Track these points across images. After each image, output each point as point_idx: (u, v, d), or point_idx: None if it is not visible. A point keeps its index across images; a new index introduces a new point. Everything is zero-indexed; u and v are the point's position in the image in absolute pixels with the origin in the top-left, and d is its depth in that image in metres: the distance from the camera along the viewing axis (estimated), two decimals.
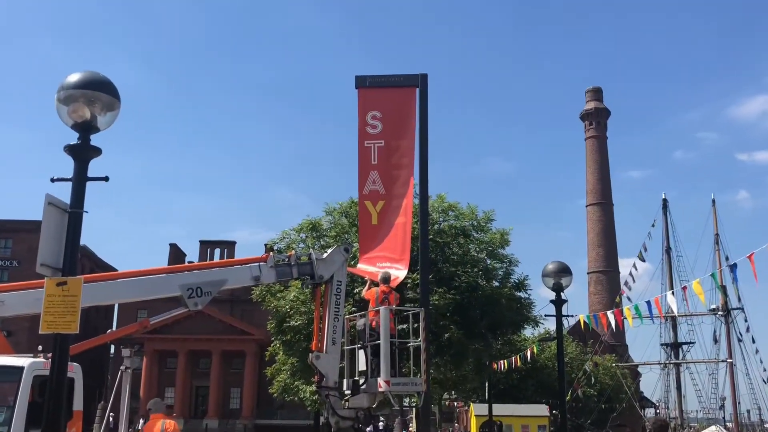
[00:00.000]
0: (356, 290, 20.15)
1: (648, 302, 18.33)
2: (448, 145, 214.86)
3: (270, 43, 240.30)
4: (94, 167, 6.45)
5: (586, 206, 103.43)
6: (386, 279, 12.02)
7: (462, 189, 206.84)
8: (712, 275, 17.31)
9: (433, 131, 13.41)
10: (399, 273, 12.56)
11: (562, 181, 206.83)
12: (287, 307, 25.81)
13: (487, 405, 41.31)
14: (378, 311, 11.30)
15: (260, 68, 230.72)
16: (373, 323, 11.48)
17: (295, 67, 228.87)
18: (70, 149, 6.34)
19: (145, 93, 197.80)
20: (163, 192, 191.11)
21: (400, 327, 12.70)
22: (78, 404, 11.45)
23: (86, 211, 6.25)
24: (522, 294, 27.19)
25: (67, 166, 8.22)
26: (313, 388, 20.32)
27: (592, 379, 55.78)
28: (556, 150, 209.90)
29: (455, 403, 63.56)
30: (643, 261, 51.65)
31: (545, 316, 29.75)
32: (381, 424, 56.40)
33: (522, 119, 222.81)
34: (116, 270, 58.45)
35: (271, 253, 11.27)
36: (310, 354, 11.21)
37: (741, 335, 53.59)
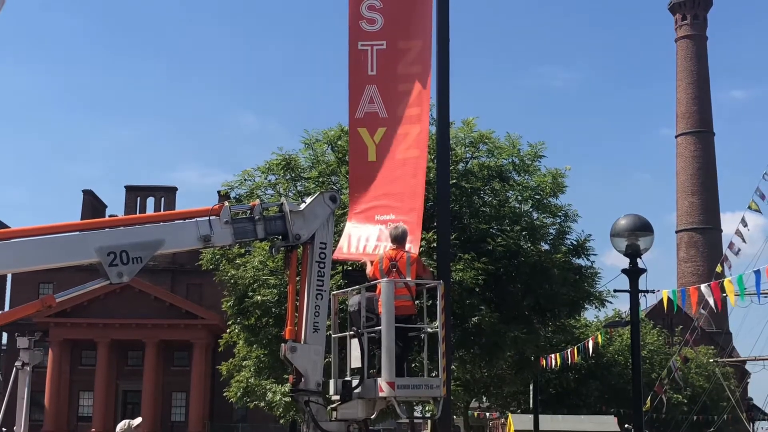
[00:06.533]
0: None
1: (757, 272, 18.38)
2: (480, 47, 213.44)
3: None
4: None
5: (676, 137, 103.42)
6: (398, 236, 12.00)
7: (499, 112, 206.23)
8: None
9: (457, 26, 13.29)
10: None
11: (640, 99, 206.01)
12: (250, 278, 25.97)
13: (531, 416, 41.81)
14: (380, 285, 11.35)
15: None
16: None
17: None
18: None
19: None
20: (73, 116, 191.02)
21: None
22: None
23: None
24: (582, 261, 27.31)
25: None
26: (287, 390, 20.53)
27: (681, 380, 56.36)
28: (633, 55, 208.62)
29: (487, 414, 64.36)
30: (759, 212, 51.71)
31: (615, 291, 29.94)
32: None
33: (588, 8, 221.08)
34: (7, 227, 58.65)
35: (227, 203, 11.30)
36: (283, 345, 11.32)
37: None
